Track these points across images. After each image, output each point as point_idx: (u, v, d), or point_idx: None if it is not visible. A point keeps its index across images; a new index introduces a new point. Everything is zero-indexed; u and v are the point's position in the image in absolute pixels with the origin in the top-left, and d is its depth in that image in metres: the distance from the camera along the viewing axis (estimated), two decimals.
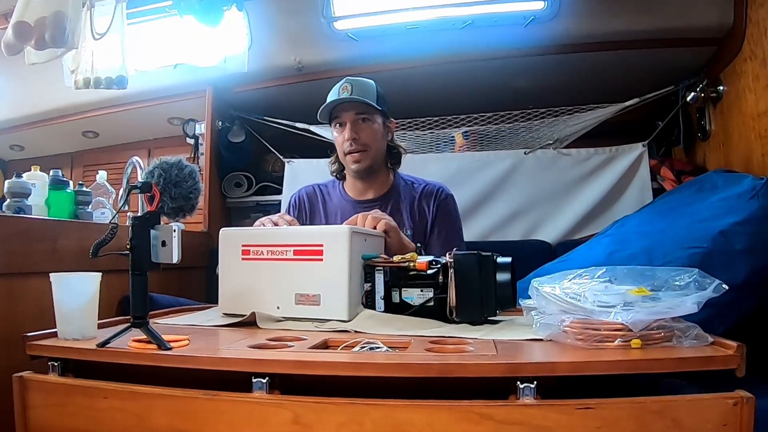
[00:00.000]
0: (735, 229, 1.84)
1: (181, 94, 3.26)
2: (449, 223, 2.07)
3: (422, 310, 1.44)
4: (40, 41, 1.93)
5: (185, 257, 1.24)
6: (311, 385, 1.04)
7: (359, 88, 1.99)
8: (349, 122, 2.00)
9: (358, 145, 2.00)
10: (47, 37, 1.92)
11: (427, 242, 2.05)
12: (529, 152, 2.97)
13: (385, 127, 2.08)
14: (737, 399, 0.93)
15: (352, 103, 1.98)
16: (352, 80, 2.01)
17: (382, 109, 2.03)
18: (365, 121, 2.01)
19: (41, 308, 1.45)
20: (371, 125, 2.02)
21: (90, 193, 2.26)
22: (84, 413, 1.12)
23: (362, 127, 2.01)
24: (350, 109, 2.00)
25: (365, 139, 2.01)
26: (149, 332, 1.16)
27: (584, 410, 0.93)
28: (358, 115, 2.00)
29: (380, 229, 1.71)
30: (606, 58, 2.76)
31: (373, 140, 2.03)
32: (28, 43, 1.94)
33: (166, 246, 1.20)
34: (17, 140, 3.84)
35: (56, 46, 1.95)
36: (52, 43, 1.93)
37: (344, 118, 2.01)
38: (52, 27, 1.91)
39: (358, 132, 2.00)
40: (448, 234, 2.05)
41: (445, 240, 2.03)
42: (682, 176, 2.82)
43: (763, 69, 2.19)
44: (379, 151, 2.07)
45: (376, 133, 2.04)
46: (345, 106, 2.00)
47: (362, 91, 1.99)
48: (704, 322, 1.10)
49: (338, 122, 2.04)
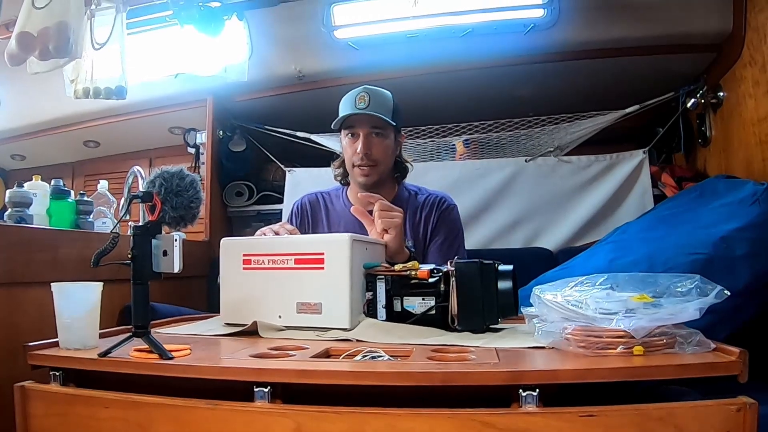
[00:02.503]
0: (736, 234, 1.84)
1: (182, 104, 3.27)
2: (450, 232, 2.04)
3: (424, 319, 1.44)
4: (44, 52, 1.93)
5: (186, 266, 1.24)
6: (313, 394, 1.03)
7: (376, 100, 1.95)
8: (362, 135, 1.96)
9: (369, 161, 1.96)
10: (51, 48, 1.92)
11: (426, 250, 2.02)
12: (529, 160, 2.97)
13: (396, 142, 2.05)
14: (740, 405, 0.92)
15: (369, 116, 1.94)
16: (370, 90, 1.96)
17: (395, 125, 2.00)
18: (378, 135, 1.97)
19: (42, 318, 1.44)
20: (383, 141, 1.99)
21: (91, 202, 2.27)
22: (85, 423, 1.11)
23: (375, 141, 1.97)
24: (366, 122, 1.96)
25: (376, 154, 1.97)
26: (151, 342, 1.16)
27: (587, 418, 0.93)
28: (373, 129, 1.96)
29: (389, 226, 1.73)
30: (606, 65, 2.77)
31: (384, 156, 2.00)
32: (32, 53, 1.94)
33: (167, 255, 1.20)
34: (18, 150, 3.85)
35: (60, 57, 1.95)
36: (56, 53, 1.93)
37: (358, 129, 1.97)
38: (55, 37, 1.91)
39: (370, 147, 1.96)
40: (447, 243, 2.02)
41: (444, 248, 2.00)
42: (683, 182, 2.82)
43: (763, 74, 2.19)
44: (387, 167, 2.04)
45: (388, 149, 2.01)
46: (361, 118, 1.95)
47: (379, 103, 1.95)
48: (706, 328, 1.10)
49: (351, 132, 2.00)
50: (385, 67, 2.88)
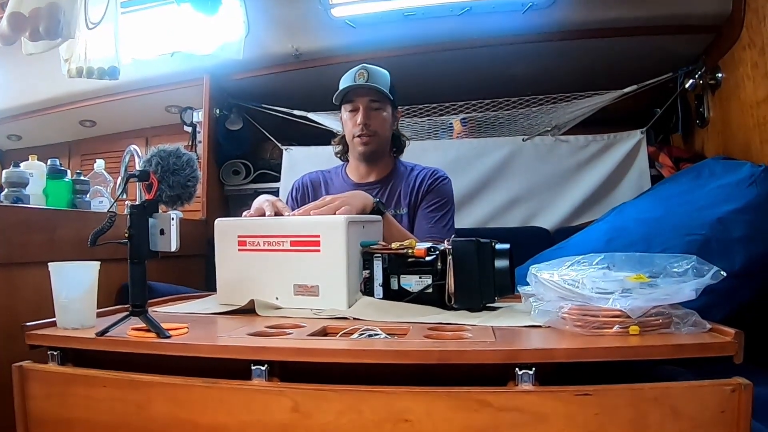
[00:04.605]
0: (733, 216, 1.85)
1: (178, 83, 3.25)
2: (439, 200, 2.09)
3: (421, 297, 1.44)
4: (34, 33, 1.92)
5: (184, 245, 1.24)
6: (310, 372, 1.04)
7: (375, 76, 2.05)
8: (362, 107, 2.05)
9: (368, 131, 2.06)
10: (41, 29, 1.91)
11: (415, 214, 2.09)
12: (527, 139, 2.97)
13: (393, 116, 2.15)
14: (735, 386, 0.93)
15: (367, 89, 2.05)
16: (369, 67, 2.06)
17: (392, 99, 2.10)
18: (377, 108, 2.07)
19: (40, 298, 1.45)
20: (381, 113, 2.08)
21: (88, 182, 2.26)
22: (83, 402, 1.12)
23: (374, 114, 2.07)
24: (364, 95, 2.06)
25: (375, 126, 2.07)
26: (148, 321, 1.16)
27: (582, 397, 0.94)
28: (372, 102, 2.06)
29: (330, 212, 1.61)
30: (604, 44, 2.75)
31: (382, 128, 2.09)
32: (23, 34, 1.93)
33: (164, 234, 1.20)
34: (14, 130, 3.82)
35: (50, 38, 1.94)
36: (46, 34, 1.93)
37: (358, 103, 2.07)
38: (46, 18, 1.90)
39: (369, 118, 2.06)
40: (435, 208, 2.07)
41: (432, 214, 2.05)
42: (680, 163, 2.81)
43: (762, 57, 2.18)
44: (385, 138, 2.13)
45: (386, 121, 2.11)
46: (360, 92, 2.06)
47: (377, 80, 2.05)
48: (702, 309, 1.10)
49: (351, 106, 2.09)
50: (382, 46, 2.86)
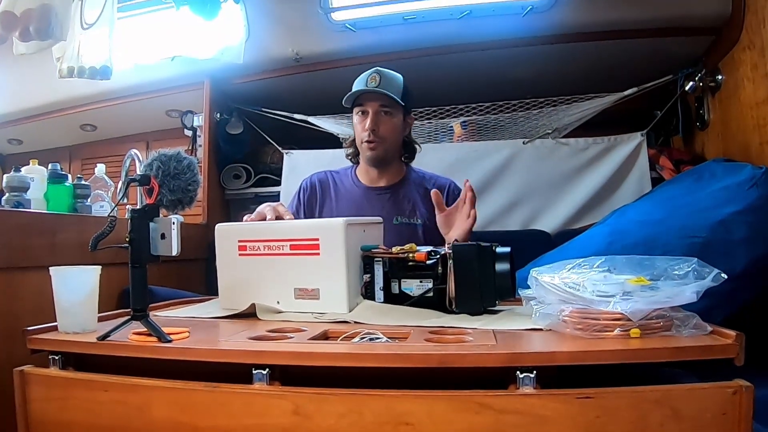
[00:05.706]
0: (734, 218, 1.84)
1: (178, 87, 3.25)
2: None
3: (421, 301, 1.44)
4: (24, 33, 1.93)
5: (184, 249, 1.24)
6: (311, 376, 1.04)
7: (387, 81, 2.04)
8: (371, 112, 2.05)
9: (376, 137, 2.05)
10: (31, 29, 1.92)
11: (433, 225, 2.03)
12: (527, 142, 2.96)
13: (404, 122, 2.14)
14: (736, 388, 0.93)
15: (378, 94, 2.03)
16: (382, 71, 2.05)
17: (404, 105, 2.09)
18: (387, 114, 2.06)
19: (41, 302, 1.44)
20: (391, 119, 2.07)
21: (89, 186, 2.26)
22: (85, 406, 1.12)
23: (383, 119, 2.06)
24: (375, 100, 2.05)
25: (383, 132, 2.06)
26: (149, 325, 1.16)
27: (584, 399, 0.94)
28: (382, 108, 2.05)
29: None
30: (604, 47, 2.75)
31: (391, 134, 2.08)
32: (13, 33, 1.94)
33: (165, 238, 1.20)
34: (15, 134, 3.82)
35: (40, 39, 1.95)
36: (36, 35, 1.94)
37: (368, 107, 2.06)
38: (37, 19, 1.91)
39: (378, 124, 2.05)
40: None
41: None
42: (681, 165, 2.81)
43: (762, 58, 2.18)
44: (394, 144, 2.12)
45: (395, 127, 2.09)
46: (370, 96, 2.05)
47: (389, 84, 2.04)
48: (703, 311, 1.10)
49: (361, 110, 2.09)
50: (382, 49, 2.86)
